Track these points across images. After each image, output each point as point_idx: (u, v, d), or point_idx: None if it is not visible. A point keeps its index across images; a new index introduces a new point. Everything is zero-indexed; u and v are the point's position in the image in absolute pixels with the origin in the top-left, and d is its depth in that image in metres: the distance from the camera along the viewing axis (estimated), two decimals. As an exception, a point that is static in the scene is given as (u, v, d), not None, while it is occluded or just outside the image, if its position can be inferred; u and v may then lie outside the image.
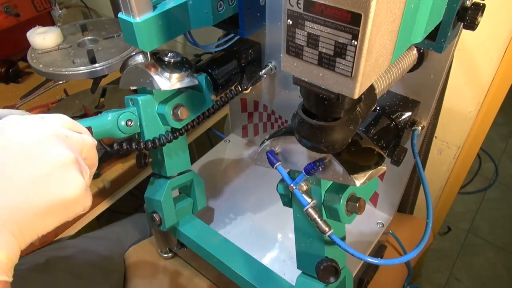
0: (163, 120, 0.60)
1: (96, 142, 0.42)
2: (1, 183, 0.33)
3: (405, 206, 0.96)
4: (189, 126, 0.62)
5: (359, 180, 0.45)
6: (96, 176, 0.89)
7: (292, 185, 0.49)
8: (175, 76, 0.56)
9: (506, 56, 0.72)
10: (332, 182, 0.50)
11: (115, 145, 0.57)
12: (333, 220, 0.51)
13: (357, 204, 0.48)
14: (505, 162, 1.93)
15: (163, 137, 0.60)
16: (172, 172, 0.67)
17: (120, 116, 0.56)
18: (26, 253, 0.80)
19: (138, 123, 0.58)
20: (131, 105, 0.58)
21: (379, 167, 0.47)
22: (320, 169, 0.47)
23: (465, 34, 0.55)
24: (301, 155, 0.49)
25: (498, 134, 2.05)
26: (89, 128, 0.52)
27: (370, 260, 0.49)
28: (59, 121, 0.39)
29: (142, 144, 0.58)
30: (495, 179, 1.85)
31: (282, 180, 0.51)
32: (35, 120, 0.38)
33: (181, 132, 0.62)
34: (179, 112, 0.59)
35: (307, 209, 0.48)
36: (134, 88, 0.59)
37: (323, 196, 0.50)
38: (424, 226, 0.57)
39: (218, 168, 0.91)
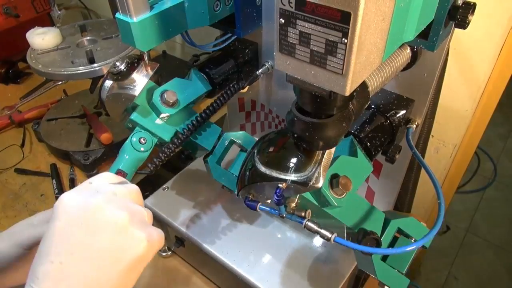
0: (157, 112, 0.60)
1: (138, 188, 0.44)
2: (76, 262, 0.35)
3: (403, 204, 0.97)
4: (203, 115, 0.61)
5: (317, 184, 0.45)
6: (95, 174, 0.90)
7: (281, 214, 0.49)
8: (136, 75, 0.58)
9: (502, 54, 0.73)
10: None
11: (149, 165, 0.58)
12: (328, 209, 0.50)
13: (339, 182, 0.47)
14: (504, 162, 1.94)
15: (184, 130, 0.59)
16: (210, 144, 0.66)
17: (132, 138, 0.58)
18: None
19: (151, 136, 0.60)
20: (130, 126, 0.61)
21: (324, 158, 0.46)
22: (283, 194, 0.46)
23: (461, 33, 0.55)
24: (268, 188, 0.49)
25: (497, 134, 2.06)
26: (123, 172, 0.55)
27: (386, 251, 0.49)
28: (106, 179, 0.43)
29: (166, 149, 0.58)
30: (494, 179, 1.85)
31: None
32: (86, 190, 0.40)
33: (198, 119, 0.61)
34: (165, 96, 0.59)
35: (305, 224, 0.48)
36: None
37: (311, 197, 0.50)
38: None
39: (216, 167, 0.91)
